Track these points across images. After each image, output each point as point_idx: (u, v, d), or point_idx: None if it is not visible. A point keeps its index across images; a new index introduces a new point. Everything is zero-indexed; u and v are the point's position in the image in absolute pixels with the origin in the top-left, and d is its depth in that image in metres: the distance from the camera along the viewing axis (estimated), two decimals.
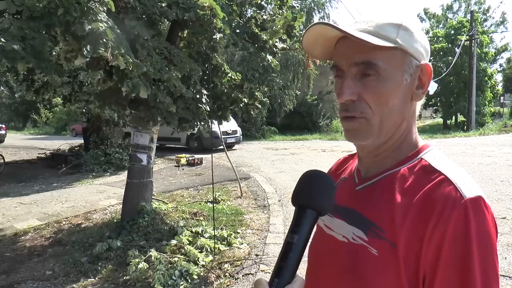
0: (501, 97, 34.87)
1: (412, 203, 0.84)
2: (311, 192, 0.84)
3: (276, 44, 6.32)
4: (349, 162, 1.15)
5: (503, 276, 4.17)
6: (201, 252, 4.95)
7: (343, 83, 0.90)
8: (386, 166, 0.95)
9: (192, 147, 16.70)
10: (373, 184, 0.95)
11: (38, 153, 16.56)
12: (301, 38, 5.99)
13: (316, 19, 28.18)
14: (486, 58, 28.14)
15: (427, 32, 33.66)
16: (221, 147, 15.76)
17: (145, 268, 4.46)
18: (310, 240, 0.87)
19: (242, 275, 4.53)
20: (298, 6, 6.66)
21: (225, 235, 5.50)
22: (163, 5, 4.93)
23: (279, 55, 6.77)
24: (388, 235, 0.85)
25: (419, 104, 0.97)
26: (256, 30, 6.05)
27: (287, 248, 0.80)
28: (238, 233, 5.91)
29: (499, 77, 36.72)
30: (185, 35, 6.06)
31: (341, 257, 0.94)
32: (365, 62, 0.87)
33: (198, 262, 4.69)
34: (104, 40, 3.66)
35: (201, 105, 5.35)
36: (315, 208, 0.83)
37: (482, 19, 32.46)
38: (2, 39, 3.30)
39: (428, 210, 0.80)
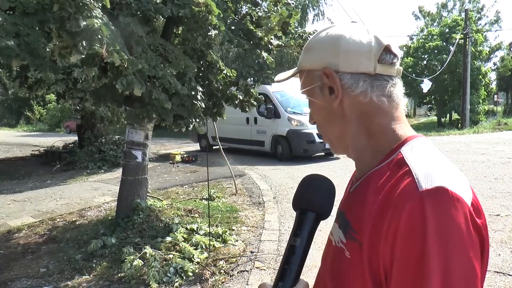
0: (495, 96, 34.99)
1: (378, 200, 0.80)
2: (311, 196, 0.86)
3: (271, 41, 6.32)
4: None
5: (497, 272, 4.19)
6: (196, 249, 4.95)
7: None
8: (370, 166, 0.92)
9: (279, 153, 12.80)
10: (358, 185, 0.94)
11: (32, 150, 16.46)
12: (299, 34, 6.00)
13: (310, 16, 28.30)
14: (480, 57, 28.23)
15: (422, 30, 33.79)
16: (320, 153, 12.52)
17: (140, 265, 4.45)
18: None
19: (237, 272, 4.54)
20: (293, 3, 6.66)
21: (220, 232, 5.50)
22: (158, 1, 4.91)
23: (274, 52, 6.77)
24: (358, 236, 0.82)
25: (365, 100, 0.89)
26: (251, 27, 6.05)
27: (290, 251, 0.81)
28: (233, 230, 5.92)
29: (493, 76, 36.86)
30: (180, 32, 6.04)
31: (330, 261, 0.94)
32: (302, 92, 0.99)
33: (193, 259, 4.70)
34: (99, 36, 3.65)
35: (196, 102, 5.34)
36: (315, 211, 0.84)
37: (477, 18, 32.52)
38: None
39: (386, 205, 0.77)
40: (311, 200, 0.85)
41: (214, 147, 15.32)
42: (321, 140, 13.17)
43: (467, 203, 0.74)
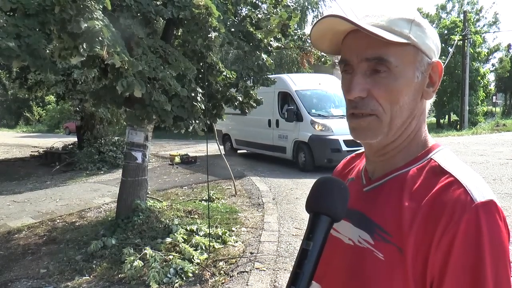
0: (494, 97, 35.08)
1: (420, 207, 0.81)
2: (325, 199, 0.84)
3: (271, 43, 6.35)
4: (355, 161, 1.12)
5: None
6: (196, 250, 4.97)
7: (353, 79, 0.87)
8: (394, 166, 0.92)
9: (300, 162, 11.01)
10: (380, 185, 0.92)
11: (31, 151, 16.45)
12: (298, 36, 5.95)
13: (310, 18, 28.25)
14: (479, 58, 28.33)
15: None
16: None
17: (140, 266, 4.47)
18: None
19: (237, 273, 4.55)
20: (292, 5, 6.69)
21: (220, 233, 5.52)
22: (158, 3, 4.94)
23: (274, 54, 6.80)
24: (395, 240, 0.82)
25: (428, 102, 0.94)
26: (251, 29, 6.07)
27: (303, 255, 0.80)
28: (233, 231, 5.93)
29: (491, 77, 36.93)
30: (180, 33, 6.07)
31: (347, 260, 0.92)
32: (377, 58, 0.85)
33: (193, 260, 4.71)
34: (100, 38, 3.67)
35: (196, 104, 5.36)
36: (329, 214, 0.83)
37: (475, 19, 32.63)
38: None
39: (437, 214, 0.78)
40: (326, 203, 0.83)
41: (238, 151, 14.40)
42: (348, 149, 10.07)
43: (504, 215, 0.79)
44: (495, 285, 0.73)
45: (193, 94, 5.36)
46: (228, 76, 6.24)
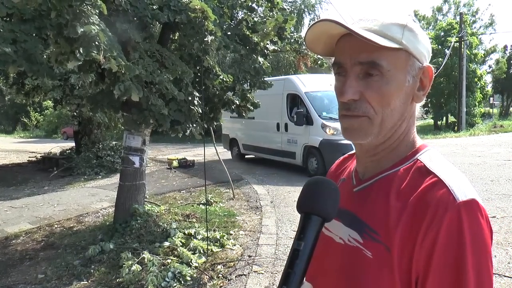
0: (491, 98, 35.17)
1: (406, 206, 0.83)
2: (316, 199, 0.86)
3: (267, 46, 6.36)
4: (348, 162, 1.14)
5: (493, 273, 4.22)
6: (194, 253, 4.96)
7: (346, 82, 0.89)
8: (383, 167, 0.94)
9: (311, 168, 10.41)
10: (369, 185, 0.95)
11: (29, 157, 16.42)
12: (295, 39, 5.94)
13: (306, 20, 28.32)
14: (476, 60, 28.37)
15: None
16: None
17: (138, 270, 4.46)
18: None
19: (235, 276, 4.55)
20: (289, 8, 6.71)
21: (218, 237, 5.51)
22: (155, 7, 4.94)
23: (270, 57, 6.81)
24: (382, 239, 0.85)
25: (418, 105, 0.97)
26: (247, 32, 6.08)
27: (294, 255, 0.82)
28: (231, 234, 5.93)
29: (488, 78, 36.96)
30: (176, 37, 6.07)
31: (337, 258, 0.94)
32: (370, 62, 0.87)
33: (191, 263, 4.70)
34: (97, 43, 3.67)
35: (193, 107, 5.37)
36: (320, 215, 0.84)
37: (471, 21, 32.69)
38: None
39: (421, 213, 0.80)
40: (317, 204, 0.85)
41: (246, 156, 13.95)
42: None
43: (486, 213, 0.82)
44: (476, 281, 0.76)
45: (190, 98, 5.37)
46: (225, 79, 6.25)
